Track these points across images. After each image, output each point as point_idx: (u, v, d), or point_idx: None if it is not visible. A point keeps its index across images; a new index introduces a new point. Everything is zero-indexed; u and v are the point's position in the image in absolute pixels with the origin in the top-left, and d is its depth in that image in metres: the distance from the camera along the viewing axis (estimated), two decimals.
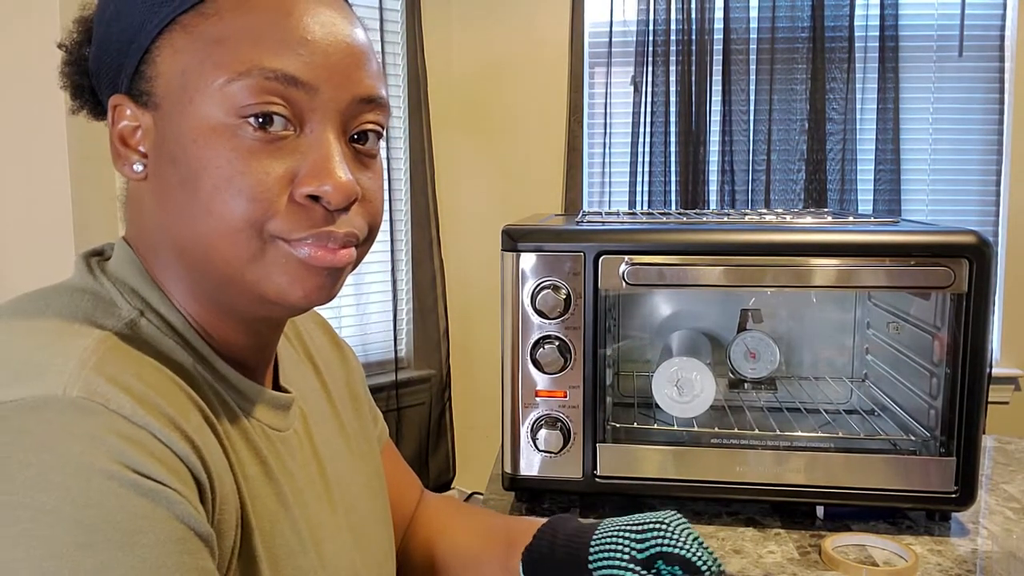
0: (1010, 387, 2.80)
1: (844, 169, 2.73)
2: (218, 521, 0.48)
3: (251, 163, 0.49)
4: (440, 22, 2.87)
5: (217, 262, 0.51)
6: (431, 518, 0.84)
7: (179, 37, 0.50)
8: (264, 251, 0.50)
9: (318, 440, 0.66)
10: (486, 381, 2.81)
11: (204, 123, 0.49)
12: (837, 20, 2.70)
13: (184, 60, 0.50)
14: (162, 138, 0.51)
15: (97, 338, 0.48)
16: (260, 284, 0.51)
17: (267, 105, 0.49)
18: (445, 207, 2.89)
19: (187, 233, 0.51)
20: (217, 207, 0.49)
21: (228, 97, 0.49)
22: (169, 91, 0.51)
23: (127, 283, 0.55)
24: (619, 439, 1.09)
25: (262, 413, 0.58)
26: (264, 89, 0.49)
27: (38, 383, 0.44)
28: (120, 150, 0.53)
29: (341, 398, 0.75)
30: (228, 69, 0.49)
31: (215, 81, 0.49)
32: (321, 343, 0.77)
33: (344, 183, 0.50)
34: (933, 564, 0.94)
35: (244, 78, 0.48)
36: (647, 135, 2.79)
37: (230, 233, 0.49)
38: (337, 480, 0.66)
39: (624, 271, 1.00)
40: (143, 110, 0.52)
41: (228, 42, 0.49)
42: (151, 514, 0.42)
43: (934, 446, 1.03)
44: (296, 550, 0.56)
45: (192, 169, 0.49)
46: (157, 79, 0.51)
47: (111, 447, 0.43)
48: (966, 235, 0.97)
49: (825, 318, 1.30)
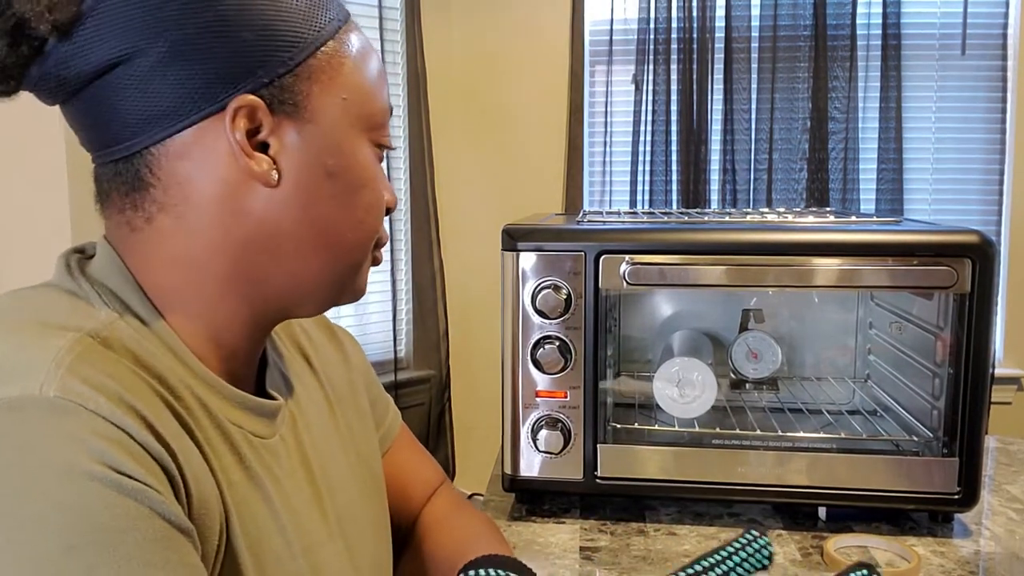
0: (1013, 387, 2.80)
1: (846, 168, 2.72)
2: (198, 525, 0.48)
3: (386, 183, 0.61)
4: (440, 22, 2.86)
5: (345, 267, 0.59)
6: (426, 516, 0.84)
7: (326, 67, 0.55)
8: (367, 256, 0.61)
9: (308, 445, 0.65)
10: (486, 382, 2.80)
11: (365, 147, 0.58)
12: (839, 18, 2.70)
13: (341, 90, 0.56)
14: (316, 151, 0.55)
15: (72, 339, 0.48)
16: (357, 285, 0.62)
17: (390, 139, 0.61)
18: (445, 207, 2.88)
19: (330, 242, 0.57)
20: (369, 220, 0.59)
21: (377, 134, 0.59)
22: (329, 111, 0.55)
23: (106, 285, 0.54)
24: (620, 440, 1.08)
25: (245, 420, 0.57)
26: (386, 126, 0.60)
27: (14, 384, 0.44)
28: (242, 153, 0.52)
29: (340, 397, 0.74)
30: (378, 110, 0.59)
31: (370, 120, 0.58)
32: (317, 338, 0.76)
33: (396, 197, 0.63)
34: (936, 565, 0.94)
35: (384, 118, 0.60)
36: (648, 134, 2.78)
37: (368, 241, 0.60)
38: (329, 486, 0.65)
39: (625, 271, 1.00)
40: (283, 119, 0.54)
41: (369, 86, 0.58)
42: (135, 513, 0.42)
43: (937, 447, 1.03)
44: (284, 556, 0.56)
45: (353, 186, 0.57)
46: (311, 96, 0.54)
47: (92, 447, 0.42)
48: (969, 235, 0.96)
49: (827, 318, 1.30)
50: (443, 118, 2.86)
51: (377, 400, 0.81)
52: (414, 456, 0.86)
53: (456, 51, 2.91)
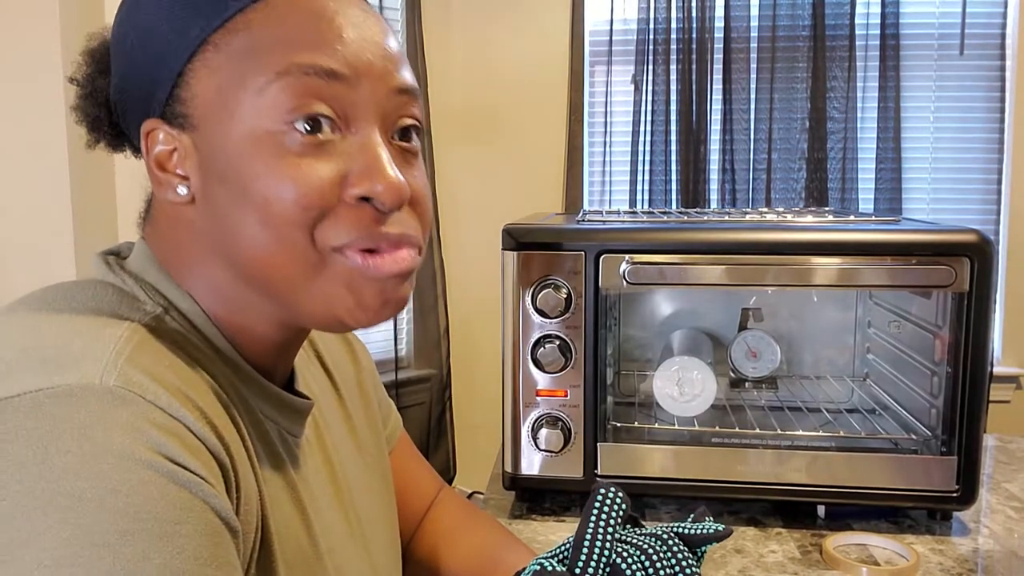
0: (1011, 386, 2.80)
1: (845, 168, 2.72)
2: (241, 520, 0.48)
3: (301, 167, 0.48)
4: (440, 22, 2.87)
5: (278, 281, 0.50)
6: (437, 523, 0.83)
7: (212, 56, 0.50)
8: (323, 265, 0.50)
9: (330, 446, 0.65)
10: (486, 380, 2.80)
11: (249, 135, 0.49)
12: (838, 19, 2.70)
13: (220, 77, 0.49)
14: (206, 158, 0.50)
15: (129, 329, 0.48)
16: (319, 305, 0.51)
17: (311, 105, 0.48)
18: (445, 206, 2.89)
19: (246, 254, 0.50)
20: (271, 217, 0.48)
21: (270, 103, 0.48)
22: (208, 110, 0.50)
23: (147, 280, 0.54)
24: (620, 438, 1.09)
25: (280, 417, 0.57)
26: (305, 88, 0.48)
27: (73, 371, 0.44)
28: (159, 176, 0.52)
29: (352, 399, 0.73)
30: (266, 72, 0.48)
31: (254, 88, 0.48)
32: (330, 341, 0.76)
33: (395, 182, 0.50)
34: (934, 563, 0.94)
35: (283, 78, 0.48)
36: (648, 134, 2.78)
37: (287, 245, 0.49)
38: (348, 487, 0.65)
39: (625, 270, 1.00)
40: (180, 132, 0.51)
41: (261, 50, 0.49)
42: (190, 505, 0.42)
43: (935, 445, 1.03)
44: (310, 556, 0.56)
45: (242, 184, 0.49)
46: (194, 100, 0.50)
47: (150, 437, 0.42)
48: (967, 234, 0.97)
49: (826, 317, 1.30)
50: (443, 118, 2.86)
51: (381, 403, 0.81)
52: (414, 463, 0.86)
53: (456, 51, 2.91)
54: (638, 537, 0.60)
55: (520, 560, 0.73)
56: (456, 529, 0.82)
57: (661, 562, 0.57)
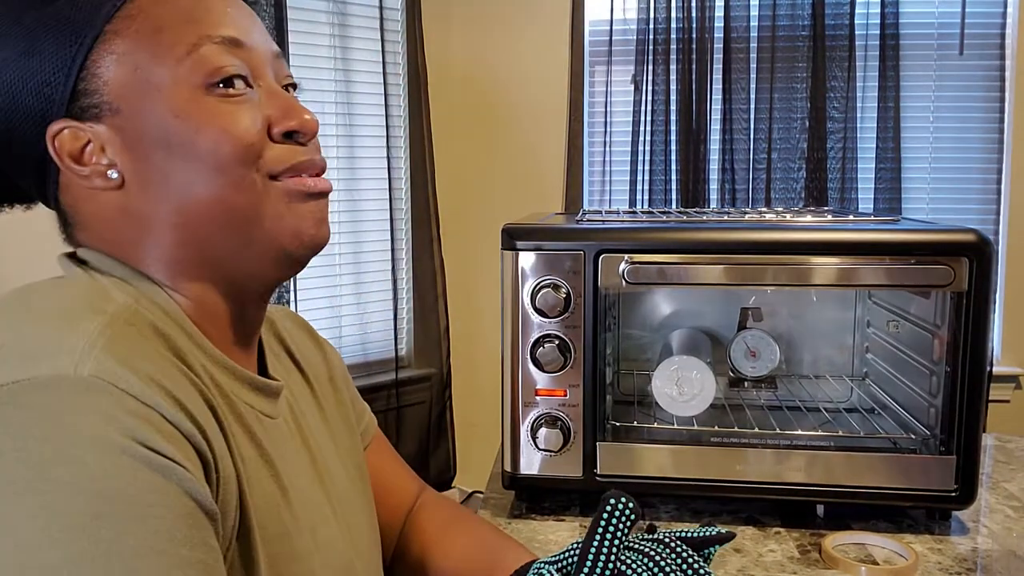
0: (1010, 385, 2.80)
1: (844, 167, 2.73)
2: (221, 501, 0.50)
3: (235, 115, 0.56)
4: (440, 21, 2.87)
5: (235, 216, 0.56)
6: (426, 524, 0.83)
7: (115, 43, 0.54)
8: (266, 192, 0.57)
9: (306, 430, 0.67)
10: (486, 380, 2.81)
11: (181, 99, 0.55)
12: (838, 18, 2.70)
13: (133, 58, 0.54)
14: (138, 133, 0.55)
15: (103, 321, 0.49)
16: (276, 227, 0.57)
17: (226, 68, 0.56)
18: (445, 205, 2.89)
19: (203, 203, 0.55)
20: (220, 161, 0.55)
21: (191, 69, 0.55)
22: (127, 91, 0.55)
23: (115, 275, 0.56)
24: (619, 438, 1.09)
25: (253, 399, 0.59)
26: (218, 54, 0.56)
27: (48, 363, 0.45)
28: (79, 170, 0.55)
29: (324, 392, 0.76)
30: (182, 46, 0.55)
31: (172, 59, 0.55)
32: (300, 340, 0.78)
33: (311, 119, 0.59)
34: (933, 563, 0.94)
35: (198, 48, 0.55)
36: (647, 133, 2.79)
37: (238, 180, 0.56)
38: (327, 470, 0.67)
39: (624, 270, 1.00)
40: (95, 123, 0.55)
41: (168, 28, 0.55)
42: (163, 488, 0.44)
43: (934, 444, 1.03)
44: (292, 532, 0.57)
45: (187, 140, 0.55)
46: (105, 88, 0.54)
47: (124, 424, 0.44)
48: (966, 233, 0.97)
49: (825, 316, 1.30)
50: (443, 117, 2.86)
51: (355, 402, 0.83)
52: (392, 462, 0.87)
53: (456, 51, 2.91)
54: (642, 543, 0.61)
55: (519, 560, 0.73)
56: (448, 529, 0.82)
57: (669, 566, 0.59)
